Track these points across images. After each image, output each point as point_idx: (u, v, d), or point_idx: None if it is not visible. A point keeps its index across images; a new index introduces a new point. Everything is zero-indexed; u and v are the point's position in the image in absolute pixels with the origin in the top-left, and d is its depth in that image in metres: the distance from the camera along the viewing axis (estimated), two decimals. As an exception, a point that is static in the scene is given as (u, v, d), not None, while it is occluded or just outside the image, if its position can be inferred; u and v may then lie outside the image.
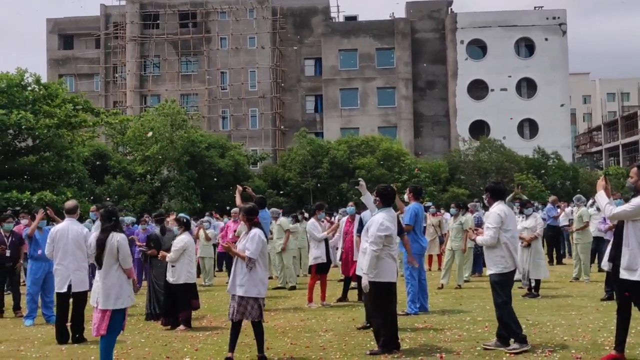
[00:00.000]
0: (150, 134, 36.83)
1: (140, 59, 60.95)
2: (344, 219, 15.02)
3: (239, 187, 13.74)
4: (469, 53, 58.91)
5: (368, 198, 9.93)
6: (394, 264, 9.18)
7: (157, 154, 41.56)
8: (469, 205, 18.58)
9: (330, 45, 59.98)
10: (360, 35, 60.06)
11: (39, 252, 12.56)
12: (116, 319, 8.18)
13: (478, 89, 58.55)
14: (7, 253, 13.78)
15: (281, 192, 44.45)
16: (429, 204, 22.53)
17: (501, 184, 9.85)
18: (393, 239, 9.19)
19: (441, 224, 20.41)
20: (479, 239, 9.32)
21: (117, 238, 8.20)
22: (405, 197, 12.58)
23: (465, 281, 16.86)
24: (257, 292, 8.75)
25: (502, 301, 9.03)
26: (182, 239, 11.81)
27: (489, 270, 9.22)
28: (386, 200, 9.37)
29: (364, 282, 9.09)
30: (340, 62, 60.04)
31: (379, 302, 9.16)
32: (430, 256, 21.02)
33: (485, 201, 9.52)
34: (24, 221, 16.22)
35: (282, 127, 60.27)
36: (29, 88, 35.95)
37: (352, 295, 14.58)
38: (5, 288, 14.45)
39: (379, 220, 9.14)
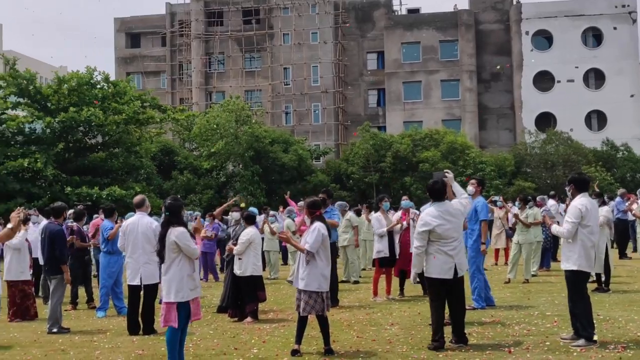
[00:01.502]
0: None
1: (205, 56, 61.76)
2: (398, 213, 14.95)
3: None
4: (534, 44, 57.75)
5: (457, 188, 9.71)
6: (447, 259, 8.92)
7: (222, 149, 42.13)
8: (537, 199, 18.27)
9: (393, 38, 59.65)
10: (423, 28, 59.52)
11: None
12: (180, 312, 8.21)
13: (544, 80, 57.37)
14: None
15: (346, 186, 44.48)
16: (496, 198, 22.19)
17: (585, 175, 9.55)
18: (443, 234, 8.94)
19: (507, 217, 20.12)
20: (554, 228, 9.16)
21: (175, 233, 8.20)
22: (472, 188, 12.30)
23: (533, 275, 16.57)
24: (318, 285, 8.76)
25: (575, 297, 8.88)
26: (248, 232, 11.93)
27: (563, 265, 9.08)
28: (435, 195, 9.22)
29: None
30: (403, 55, 59.64)
31: (430, 297, 9.20)
32: (497, 250, 20.77)
33: (569, 193, 9.27)
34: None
35: (344, 121, 60.27)
36: (98, 86, 36.93)
37: (418, 289, 14.52)
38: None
39: (421, 216, 9.12)
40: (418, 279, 10.59)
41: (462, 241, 9.32)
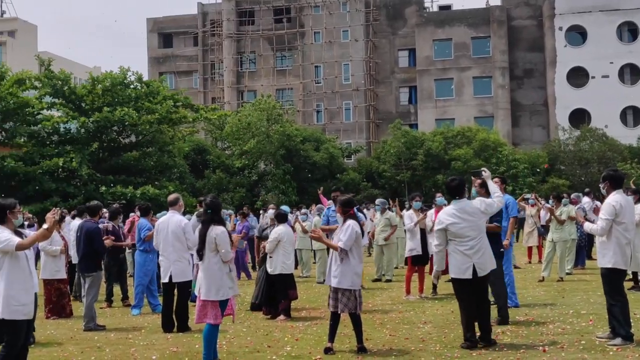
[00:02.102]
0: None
1: (237, 56, 62.04)
2: (432, 210, 14.87)
3: None
4: (568, 40, 57.00)
5: (492, 187, 9.62)
6: (464, 259, 8.84)
7: (254, 148, 42.33)
8: (572, 196, 18.06)
9: (425, 35, 59.33)
10: (455, 25, 59.13)
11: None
12: (221, 309, 8.37)
13: (578, 76, 56.59)
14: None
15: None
16: (528, 195, 21.99)
17: (620, 172, 9.37)
18: (457, 233, 8.85)
19: (540, 215, 19.92)
20: (587, 226, 9.06)
21: (215, 231, 8.30)
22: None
23: (568, 274, 16.40)
24: (350, 283, 8.75)
25: (611, 295, 8.77)
26: (277, 231, 11.98)
27: (599, 262, 8.98)
28: (452, 192, 9.11)
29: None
30: (434, 52, 59.30)
31: (456, 296, 9.18)
32: (530, 248, 20.59)
33: (603, 190, 9.09)
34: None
35: (376, 119, 60.14)
36: (132, 86, 37.22)
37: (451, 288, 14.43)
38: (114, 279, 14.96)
39: (438, 214, 9.07)
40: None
41: (483, 240, 9.00)
